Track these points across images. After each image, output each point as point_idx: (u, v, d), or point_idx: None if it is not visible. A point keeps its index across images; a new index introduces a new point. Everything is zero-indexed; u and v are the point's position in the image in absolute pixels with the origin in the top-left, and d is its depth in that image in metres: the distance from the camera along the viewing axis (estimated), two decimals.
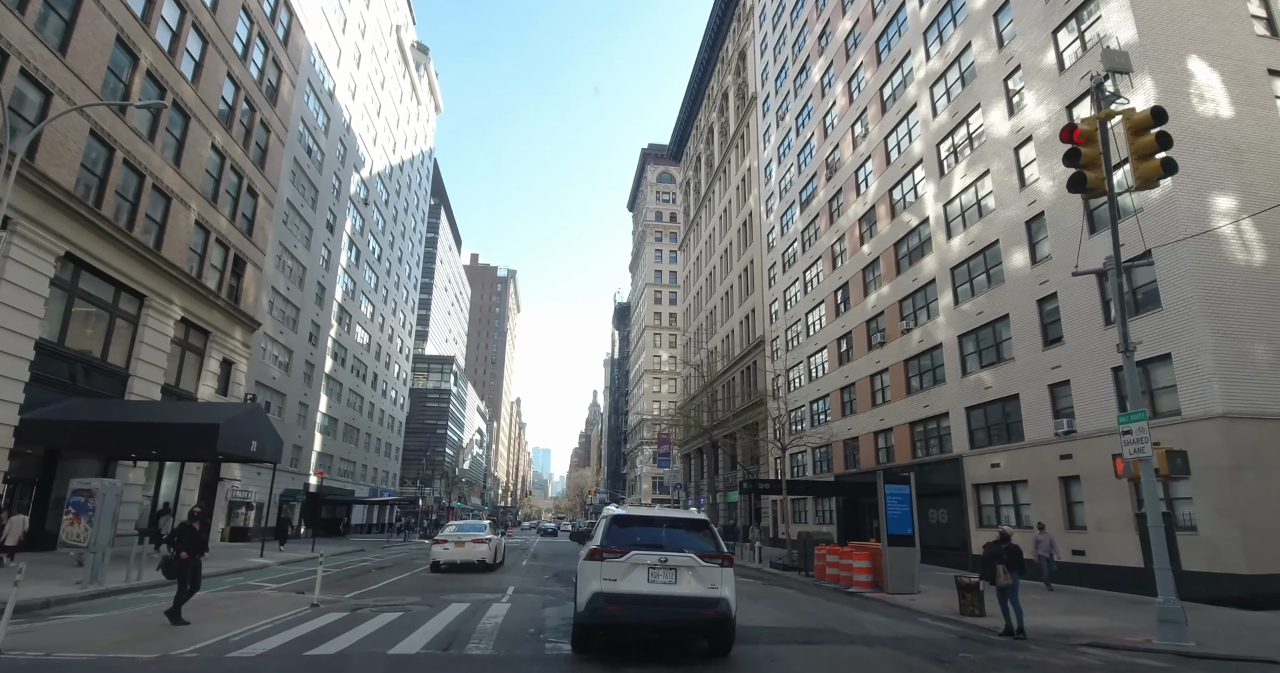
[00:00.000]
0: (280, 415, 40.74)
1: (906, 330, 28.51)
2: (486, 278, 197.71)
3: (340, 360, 50.88)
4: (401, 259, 68.29)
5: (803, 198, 41.63)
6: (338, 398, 50.70)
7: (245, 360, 33.65)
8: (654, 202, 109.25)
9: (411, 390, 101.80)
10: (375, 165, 57.29)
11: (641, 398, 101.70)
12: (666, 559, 7.92)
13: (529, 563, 24.48)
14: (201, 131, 28.56)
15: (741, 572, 22.88)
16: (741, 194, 54.82)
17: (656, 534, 8.35)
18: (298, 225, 41.77)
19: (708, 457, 60.48)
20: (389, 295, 63.66)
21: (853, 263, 33.94)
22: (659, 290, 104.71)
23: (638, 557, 7.90)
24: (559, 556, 30.63)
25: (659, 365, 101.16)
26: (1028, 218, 22.00)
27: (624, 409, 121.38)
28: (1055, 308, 20.61)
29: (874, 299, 31.58)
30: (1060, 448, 19.81)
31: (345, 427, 52.85)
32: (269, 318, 38.16)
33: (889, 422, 29.32)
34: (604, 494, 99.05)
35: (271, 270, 38.14)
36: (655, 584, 7.82)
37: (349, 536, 51.39)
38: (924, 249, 28.01)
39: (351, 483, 54.69)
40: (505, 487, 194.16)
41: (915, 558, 16.63)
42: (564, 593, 14.31)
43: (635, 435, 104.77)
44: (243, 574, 18.33)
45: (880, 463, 30.24)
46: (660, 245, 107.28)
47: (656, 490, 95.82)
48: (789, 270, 42.76)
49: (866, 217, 33.15)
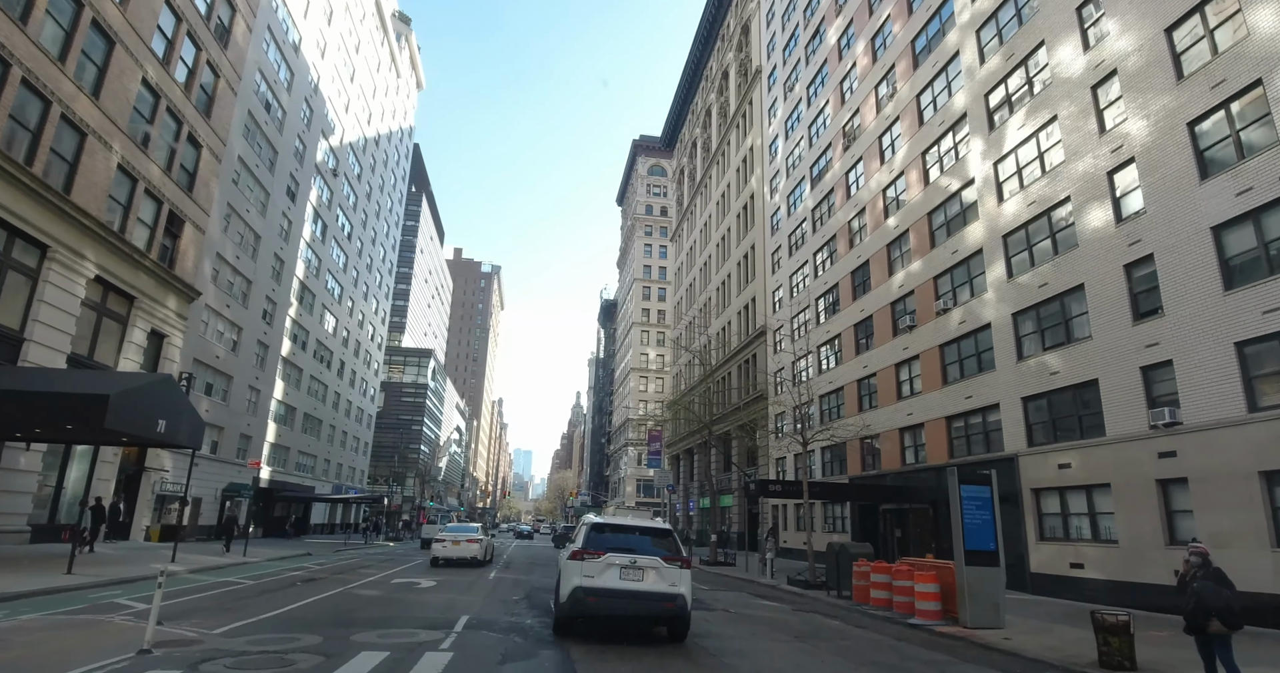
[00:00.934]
0: (225, 400, 36.22)
1: (943, 311, 24.71)
2: (470, 273, 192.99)
3: (300, 344, 46.32)
4: (375, 240, 63.78)
5: (813, 173, 37.84)
6: (296, 385, 46.13)
7: (180, 334, 29.22)
8: (644, 195, 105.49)
9: (386, 384, 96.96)
10: (347, 135, 52.84)
11: (627, 397, 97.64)
12: (636, 561, 9.49)
13: (497, 575, 20.29)
14: (129, 62, 24.23)
15: (755, 591, 19.00)
16: (742, 176, 51.02)
17: (628, 540, 9.94)
18: (251, 188, 37.30)
19: (699, 457, 56.45)
20: (360, 278, 59.13)
21: (875, 239, 30.15)
22: (647, 286, 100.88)
23: (612, 558, 9.47)
24: (536, 564, 26.44)
25: (646, 364, 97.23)
26: (1110, 167, 18.25)
27: (608, 409, 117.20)
28: (1150, 273, 16.84)
29: (901, 278, 27.78)
30: (1158, 444, 16.02)
31: (305, 417, 48.26)
32: (212, 288, 33.69)
33: (919, 416, 25.48)
34: (586, 496, 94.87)
35: (217, 234, 33.69)
36: (626, 581, 9.40)
37: (306, 536, 46.79)
38: (966, 217, 24.24)
39: (312, 479, 50.08)
40: (484, 487, 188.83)
41: (1000, 582, 12.72)
42: (539, 631, 10.22)
43: (620, 436, 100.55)
44: (125, 587, 14.05)
45: (906, 464, 26.40)
46: (650, 240, 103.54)
47: (641, 493, 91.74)
48: (796, 253, 38.95)
49: (892, 186, 29.38)
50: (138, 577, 15.92)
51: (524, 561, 27.56)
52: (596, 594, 9.23)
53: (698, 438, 53.48)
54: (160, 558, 20.21)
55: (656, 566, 9.53)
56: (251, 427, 39.17)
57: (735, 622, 12.29)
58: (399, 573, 19.65)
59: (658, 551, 9.79)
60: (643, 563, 9.51)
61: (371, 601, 12.80)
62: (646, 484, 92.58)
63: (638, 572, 9.47)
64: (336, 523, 55.55)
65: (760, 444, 41.31)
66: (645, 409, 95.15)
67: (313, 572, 19.49)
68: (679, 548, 10.08)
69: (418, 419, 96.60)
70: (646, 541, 10.01)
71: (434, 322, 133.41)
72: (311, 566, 22.21)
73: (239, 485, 36.66)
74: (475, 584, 16.96)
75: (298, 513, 48.63)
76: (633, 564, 9.48)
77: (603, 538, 9.92)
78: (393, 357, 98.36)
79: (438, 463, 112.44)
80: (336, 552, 31.83)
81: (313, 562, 24.25)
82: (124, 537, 28.41)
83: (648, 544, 9.91)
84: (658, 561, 9.58)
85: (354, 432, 61.03)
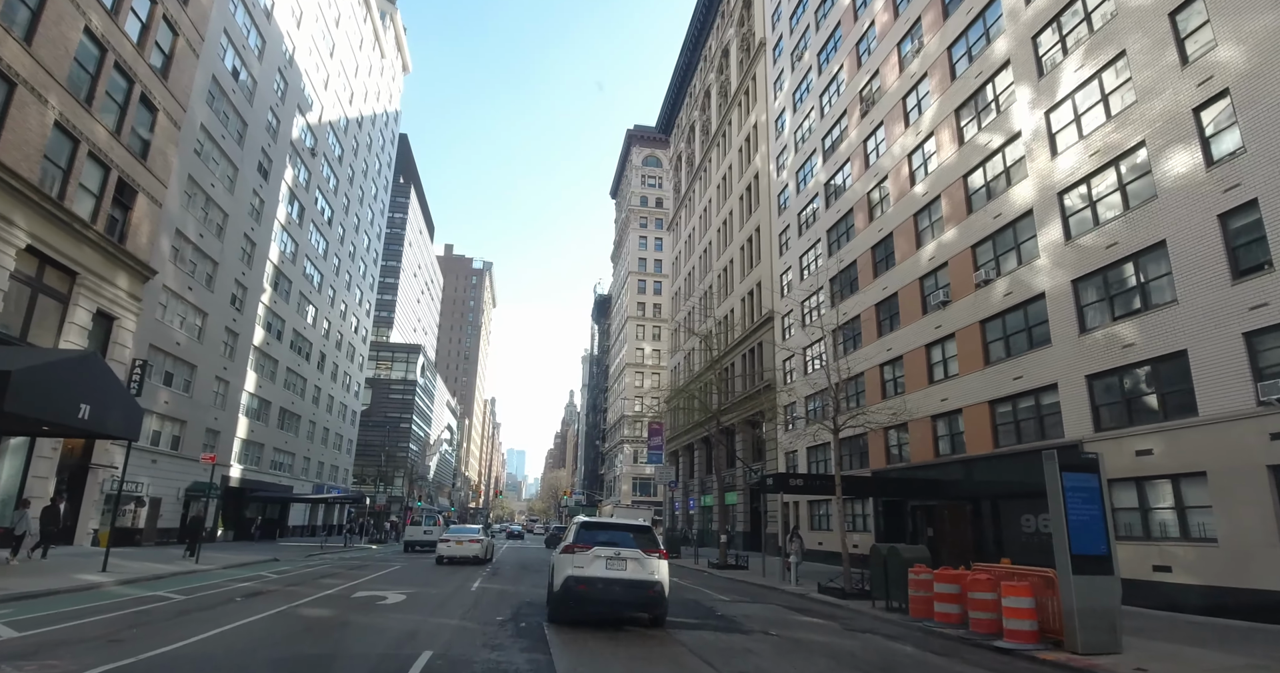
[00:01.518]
0: (189, 391, 33.25)
1: (984, 283, 22.04)
2: (461, 269, 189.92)
3: (275, 333, 43.33)
4: (359, 228, 60.74)
5: (826, 145, 35.15)
6: (271, 377, 43.14)
7: (133, 316, 26.31)
8: (639, 186, 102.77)
9: (374, 380, 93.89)
10: (327, 113, 49.81)
11: (622, 393, 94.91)
12: (619, 553, 10.85)
13: (481, 585, 17.47)
14: (68, 6, 21.37)
15: (785, 601, 16.04)
16: (745, 156, 48.31)
17: (613, 536, 11.30)
18: (217, 161, 34.32)
19: (699, 453, 53.79)
20: (342, 266, 56.11)
21: (899, 209, 27.48)
22: (643, 279, 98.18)
23: (599, 551, 10.85)
24: (527, 570, 23.64)
25: (641, 359, 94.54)
26: (1197, 103, 15.59)
27: (603, 406, 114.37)
28: (1254, 221, 14.18)
29: (931, 249, 25.10)
30: (1269, 423, 13.38)
31: (282, 412, 45.26)
32: (171, 268, 30.73)
33: (956, 402, 22.79)
34: (580, 495, 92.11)
35: (177, 210, 30.74)
36: (611, 570, 10.70)
37: (283, 539, 43.82)
38: (1011, 175, 21.57)
39: (290, 478, 47.08)
40: (476, 487, 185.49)
41: (1116, 595, 10.01)
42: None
43: (615, 434, 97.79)
44: (17, 604, 11.21)
45: (940, 455, 23.73)
46: (645, 232, 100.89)
47: (638, 491, 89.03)
48: (807, 232, 36.26)
49: (919, 150, 26.71)
50: (47, 591, 13.08)
51: (513, 565, 24.74)
52: (586, 582, 10.48)
53: (700, 432, 50.77)
54: (70, 569, 17.31)
55: (638, 557, 10.81)
56: (220, 421, 36.18)
57: (788, 652, 9.53)
58: (366, 584, 16.81)
59: (638, 544, 11.06)
60: (625, 555, 10.77)
61: (312, 626, 9.97)
62: (643, 482, 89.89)
63: (621, 562, 10.71)
64: (318, 525, 52.54)
65: (768, 438, 38.62)
66: (641, 405, 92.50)
67: (266, 583, 16.63)
68: (657, 542, 11.39)
69: (407, 417, 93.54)
70: (629, 536, 11.30)
71: (424, 318, 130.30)
72: (269, 575, 19.34)
73: (204, 485, 33.65)
74: (452, 599, 14.14)
75: (273, 514, 45.62)
76: (617, 556, 10.76)
77: (591, 534, 11.25)
78: (380, 352, 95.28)
79: (428, 462, 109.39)
80: (309, 557, 28.93)
81: (274, 570, 21.39)
82: (68, 541, 25.45)
83: (630, 539, 11.18)
84: (639, 552, 10.86)
85: (337, 429, 58.01)
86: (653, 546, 11.14)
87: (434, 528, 36.28)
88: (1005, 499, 20.78)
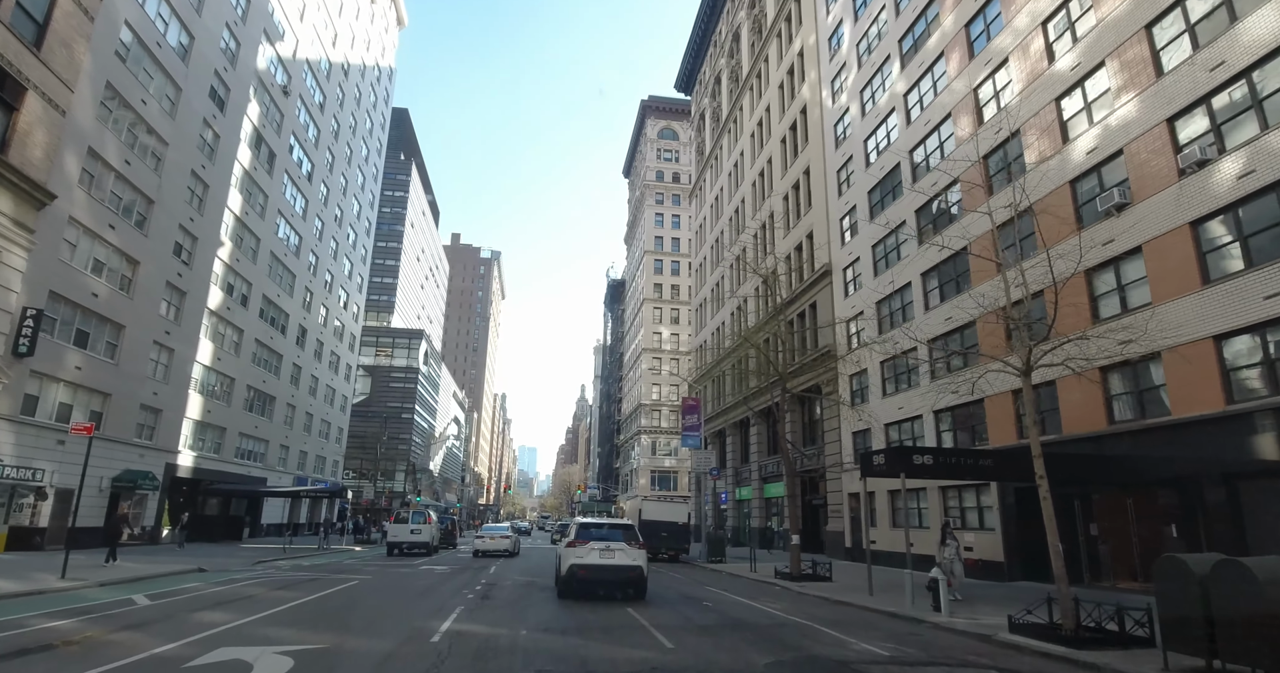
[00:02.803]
0: (114, 357, 26.72)
1: (1196, 166, 15.04)
2: (468, 258, 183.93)
3: (239, 298, 36.82)
4: (347, 191, 54.18)
5: (905, 46, 28.18)
6: (235, 350, 36.65)
7: (21, 252, 19.73)
8: (654, 160, 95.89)
9: (373, 368, 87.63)
10: (303, 49, 43.17)
11: (638, 382, 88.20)
12: (609, 546, 14.39)
13: (455, 626, 10.61)
14: None
15: (987, 655, 9.00)
16: (788, 90, 41.31)
17: (604, 533, 14.79)
18: (150, 73, 27.72)
19: (733, 439, 46.98)
20: (326, 231, 49.56)
21: (1032, 96, 20.47)
22: (659, 259, 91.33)
23: (594, 545, 14.39)
24: (533, 590, 16.82)
25: (659, 343, 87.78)
26: None
27: (617, 396, 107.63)
28: None
29: (1092, 139, 18.08)
30: None
31: (251, 393, 38.80)
32: (82, 196, 24.14)
33: (1152, 343, 15.70)
34: (595, 489, 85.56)
35: (90, 123, 24.14)
36: (603, 559, 14.20)
37: (254, 539, 37.37)
38: (1235, 6, 14.60)
39: (263, 468, 40.64)
40: (486, 484, 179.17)
41: None
42: None
43: (631, 425, 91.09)
44: None
45: (1116, 422, 16.73)
46: (661, 208, 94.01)
47: (657, 485, 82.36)
48: (879, 158, 29.33)
49: (1062, 10, 19.73)
50: None
51: (514, 584, 17.98)
52: (585, 569, 14.12)
53: (736, 414, 43.87)
54: None
55: (623, 548, 14.40)
56: (161, 397, 29.66)
57: None
58: (264, 622, 10.11)
59: (623, 539, 14.67)
60: (614, 547, 14.35)
61: None
62: (662, 475, 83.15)
63: (610, 553, 14.26)
64: (301, 522, 46.11)
65: (828, 415, 31.73)
66: (660, 393, 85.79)
67: (88, 621, 9.97)
68: (637, 537, 15.04)
69: (409, 407, 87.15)
70: (617, 532, 14.94)
71: (429, 305, 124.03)
72: (138, 601, 12.70)
73: (138, 473, 27.18)
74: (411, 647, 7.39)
75: (243, 510, 39.17)
76: (607, 548, 14.31)
77: (587, 532, 14.84)
78: (380, 338, 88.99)
79: (433, 456, 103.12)
80: (254, 565, 22.35)
81: (189, 585, 14.80)
82: None
83: (618, 535, 14.78)
84: (624, 545, 14.48)
85: (324, 415, 51.53)
86: (634, 540, 14.80)
87: (423, 527, 29.68)
88: (1247, 479, 13.87)
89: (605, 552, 14.20)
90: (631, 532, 15.15)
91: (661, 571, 23.99)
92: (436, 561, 26.42)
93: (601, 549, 14.22)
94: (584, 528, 15.01)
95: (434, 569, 22.35)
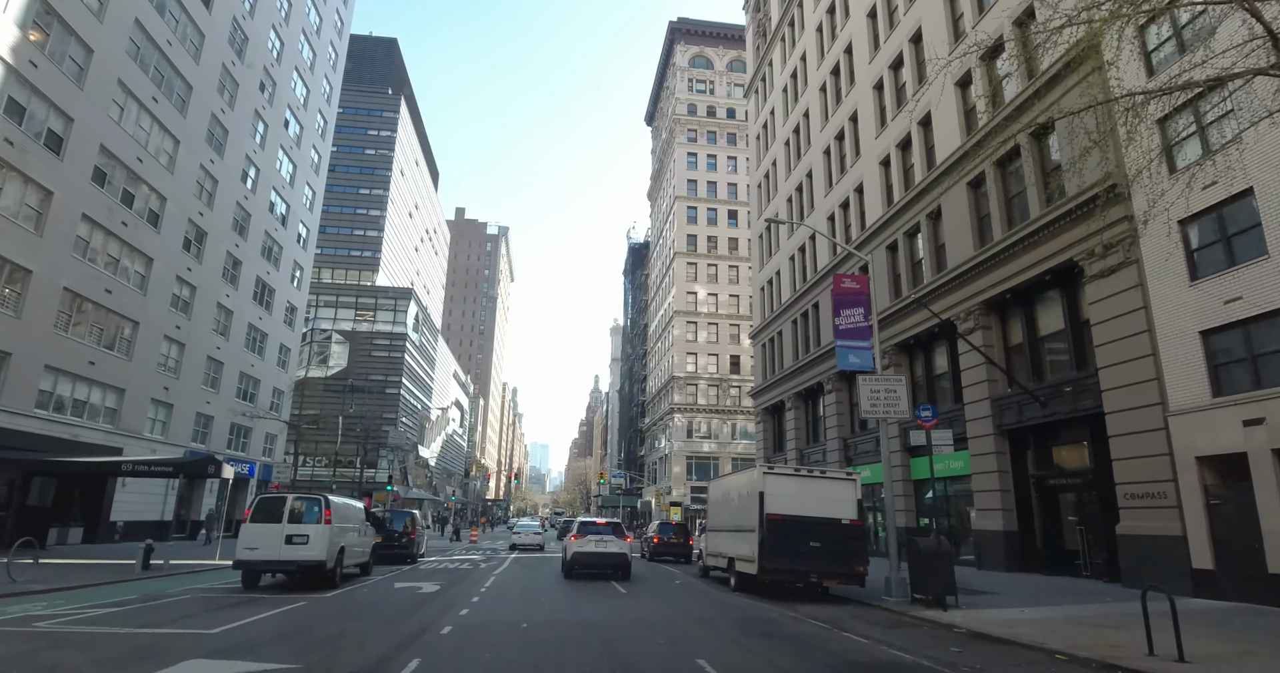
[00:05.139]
0: None
1: None
2: (474, 235, 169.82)
3: (34, 134, 21.84)
4: (279, 56, 39.06)
5: None
6: (34, 224, 21.71)
7: None
8: (685, 92, 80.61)
9: (351, 334, 72.97)
10: None
11: (669, 352, 73.16)
12: (602, 538, 18.39)
13: None
14: None
15: None
16: None
17: (598, 529, 18.87)
18: None
19: (796, 413, 31.71)
20: (245, 97, 34.55)
21: None
22: (693, 206, 76.28)
23: (590, 537, 18.44)
24: None
25: (694, 305, 72.80)
26: None
27: (640, 375, 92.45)
28: None
29: None
30: None
31: (75, 305, 23.87)
32: None
33: None
34: (620, 477, 70.25)
35: None
36: (598, 547, 18.16)
37: (102, 542, 22.45)
38: None
39: (115, 435, 25.76)
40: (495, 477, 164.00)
41: None
42: None
43: (659, 404, 75.97)
44: None
45: None
46: (694, 147, 78.85)
47: (694, 474, 67.34)
48: None
49: None
50: None
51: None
52: (584, 555, 18.11)
53: None
54: None
55: (612, 540, 18.35)
56: None
57: None
58: None
59: (612, 533, 18.62)
60: (605, 539, 18.33)
61: None
62: (701, 463, 68.00)
63: (603, 543, 18.23)
64: (202, 518, 31.15)
65: (1099, 313, 16.32)
66: (695, 365, 70.60)
67: None
68: (623, 532, 19.23)
69: (394, 380, 72.25)
70: (607, 528, 18.89)
71: (426, 273, 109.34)
72: None
73: None
74: None
75: (77, 496, 24.24)
76: (600, 540, 18.29)
77: (585, 528, 18.98)
78: (361, 298, 74.25)
79: (428, 442, 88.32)
80: None
81: None
82: None
83: (608, 531, 18.71)
84: (613, 538, 18.42)
85: (246, 366, 36.59)
86: (620, 533, 18.82)
87: (312, 530, 14.60)
88: None
89: (599, 542, 18.18)
90: (619, 528, 19.22)
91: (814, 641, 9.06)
92: (352, 599, 12.04)
93: (596, 540, 18.23)
94: (583, 525, 19.26)
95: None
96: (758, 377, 44.43)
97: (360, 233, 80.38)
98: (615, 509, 72.31)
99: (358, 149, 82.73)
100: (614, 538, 18.32)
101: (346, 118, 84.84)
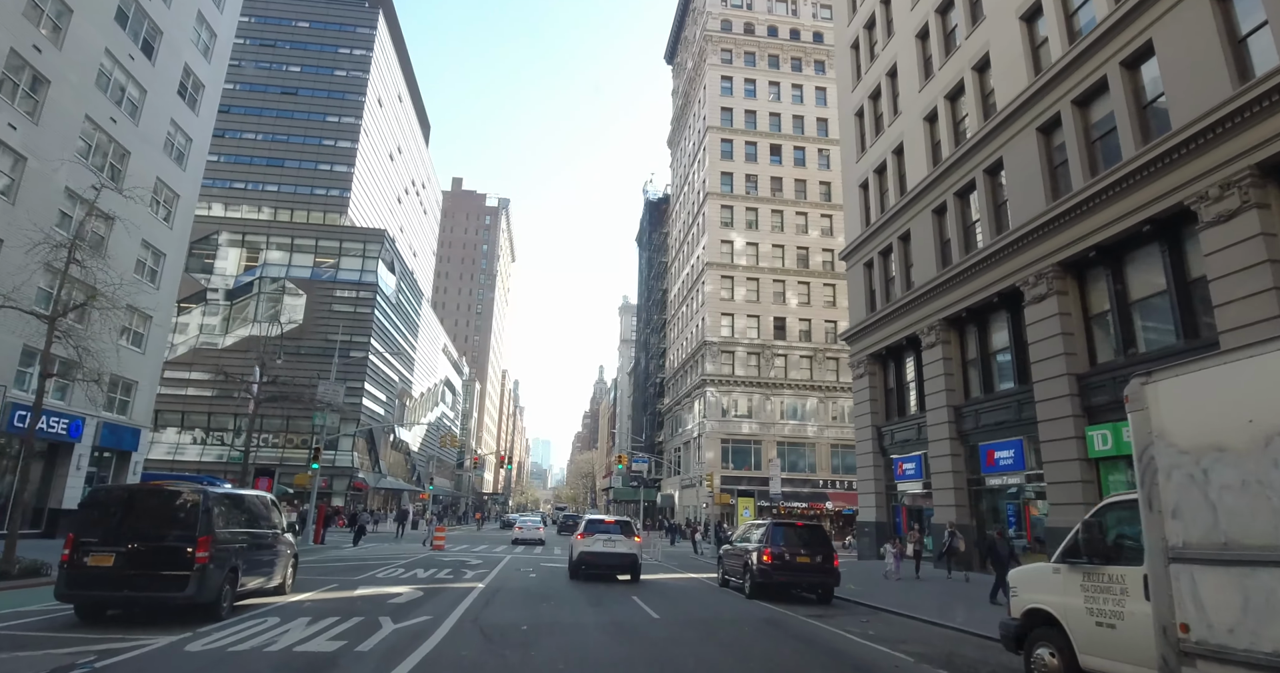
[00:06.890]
0: None
1: None
2: (472, 206, 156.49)
3: None
4: None
5: None
6: None
7: None
8: (719, 5, 66.87)
9: (308, 283, 59.17)
10: None
11: (699, 313, 59.46)
12: (610, 537, 17.85)
13: None
14: None
15: None
16: None
17: (607, 528, 18.35)
18: None
19: (953, 341, 17.95)
20: None
21: None
22: (728, 139, 62.84)
23: (598, 536, 17.89)
24: None
25: (731, 256, 59.15)
26: None
27: (659, 348, 78.65)
28: None
29: None
30: None
31: None
32: None
33: None
34: (643, 462, 56.04)
35: None
36: (606, 547, 17.60)
37: None
38: None
39: None
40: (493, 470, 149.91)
41: None
42: None
43: (685, 378, 62.26)
44: None
45: None
46: (730, 70, 65.29)
47: (731, 462, 53.74)
48: None
49: None
50: None
51: None
52: (591, 555, 17.52)
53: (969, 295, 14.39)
54: None
55: (620, 539, 17.84)
56: None
57: None
58: None
59: (621, 532, 18.12)
60: (614, 538, 17.80)
61: None
62: (740, 446, 54.14)
63: (612, 542, 17.71)
64: None
65: None
66: (732, 326, 56.76)
67: None
68: (632, 531, 18.69)
69: (360, 341, 58.26)
70: (615, 527, 18.46)
71: (412, 231, 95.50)
72: None
73: None
74: None
75: None
76: (608, 539, 17.77)
77: (592, 527, 18.50)
78: (322, 240, 60.40)
79: (408, 424, 74.55)
80: None
81: None
82: None
83: (616, 529, 18.25)
84: (621, 537, 17.93)
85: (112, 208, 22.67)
86: (630, 532, 18.37)
87: None
88: None
89: (607, 542, 17.78)
90: (629, 527, 18.83)
91: None
92: None
93: (604, 540, 17.81)
94: (590, 523, 18.94)
95: None
96: (855, 312, 30.64)
97: (326, 168, 66.53)
98: (634, 504, 58.65)
99: (325, 70, 68.94)
100: (623, 537, 18.17)
101: (311, 33, 71.04)
